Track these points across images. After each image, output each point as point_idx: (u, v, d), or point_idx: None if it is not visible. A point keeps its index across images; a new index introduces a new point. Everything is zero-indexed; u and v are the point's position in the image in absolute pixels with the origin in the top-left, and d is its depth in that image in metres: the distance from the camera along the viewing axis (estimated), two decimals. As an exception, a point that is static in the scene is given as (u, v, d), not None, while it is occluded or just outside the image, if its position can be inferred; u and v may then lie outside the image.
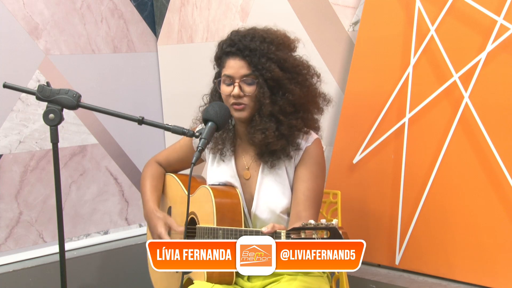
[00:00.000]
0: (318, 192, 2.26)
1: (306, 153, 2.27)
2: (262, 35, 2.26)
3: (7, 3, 3.22)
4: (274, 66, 2.21)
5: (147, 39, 3.78)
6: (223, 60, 2.28)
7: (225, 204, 2.24)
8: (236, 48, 2.23)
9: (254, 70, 2.21)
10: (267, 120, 2.22)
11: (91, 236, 3.54)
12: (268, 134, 2.20)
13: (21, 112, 3.28)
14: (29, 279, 3.14)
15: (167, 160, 2.55)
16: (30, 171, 3.32)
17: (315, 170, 2.27)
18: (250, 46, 2.22)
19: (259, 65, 2.21)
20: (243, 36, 2.25)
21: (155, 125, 2.14)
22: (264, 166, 2.28)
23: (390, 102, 2.75)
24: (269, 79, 2.21)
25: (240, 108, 2.23)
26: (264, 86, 2.21)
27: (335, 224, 1.77)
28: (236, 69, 2.23)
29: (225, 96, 2.26)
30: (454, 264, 2.57)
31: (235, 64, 2.23)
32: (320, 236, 1.76)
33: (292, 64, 2.26)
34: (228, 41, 2.27)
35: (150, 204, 2.44)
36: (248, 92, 2.22)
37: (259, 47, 2.22)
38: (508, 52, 2.43)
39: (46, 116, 2.04)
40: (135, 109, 3.60)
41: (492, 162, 2.46)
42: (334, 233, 1.76)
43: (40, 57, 3.35)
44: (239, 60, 2.23)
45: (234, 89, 2.22)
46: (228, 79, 2.24)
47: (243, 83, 2.22)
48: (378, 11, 2.81)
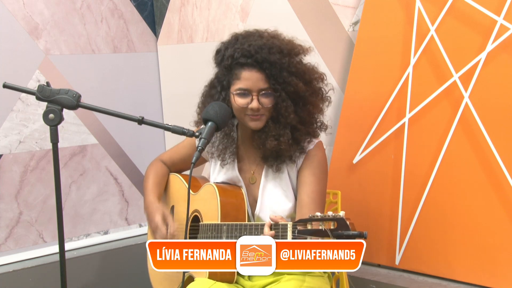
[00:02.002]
0: (321, 194, 2.27)
1: (309, 156, 2.27)
2: (278, 45, 2.21)
3: (7, 3, 3.22)
4: (296, 80, 2.19)
5: (147, 39, 3.78)
6: (236, 70, 2.21)
7: (229, 202, 2.24)
8: (253, 60, 2.17)
9: (274, 84, 2.18)
10: (282, 127, 2.21)
11: (91, 236, 3.54)
12: (282, 140, 2.20)
13: (21, 112, 3.28)
14: (29, 279, 3.14)
15: (171, 159, 2.55)
16: (30, 171, 3.32)
17: (318, 173, 2.27)
18: (269, 59, 2.16)
19: (280, 78, 2.17)
20: (260, 47, 2.18)
21: (155, 125, 2.14)
22: (268, 170, 2.28)
23: (390, 102, 2.75)
24: (292, 93, 2.19)
25: (257, 118, 2.21)
26: (287, 99, 2.19)
27: (342, 215, 1.77)
28: (253, 82, 2.18)
29: (240, 108, 2.21)
30: (454, 264, 2.57)
31: (251, 76, 2.18)
32: (327, 227, 1.76)
33: (310, 76, 2.25)
34: (241, 51, 2.19)
35: (150, 197, 2.43)
36: (266, 104, 2.19)
37: (279, 61, 2.17)
38: (508, 52, 2.43)
39: (46, 116, 2.04)
40: (135, 109, 3.60)
41: (492, 162, 2.46)
42: (341, 223, 1.75)
43: (40, 57, 3.35)
44: (256, 72, 2.18)
45: (252, 103, 2.18)
46: (244, 91, 2.20)
47: (261, 96, 2.19)
48: (378, 11, 2.81)
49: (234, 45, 2.23)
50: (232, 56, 2.21)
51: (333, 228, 1.76)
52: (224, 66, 2.26)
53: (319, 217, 1.79)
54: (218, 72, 2.31)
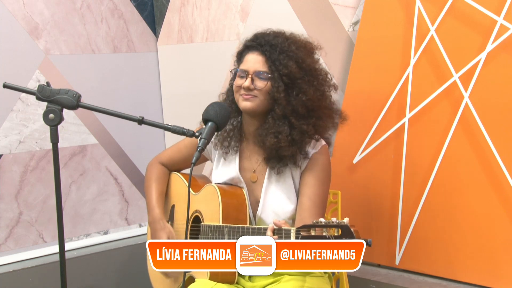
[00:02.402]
0: (323, 198, 2.27)
1: (313, 159, 2.26)
2: (286, 35, 2.29)
3: (7, 3, 3.22)
4: (292, 63, 2.22)
5: (147, 39, 3.78)
6: (243, 55, 2.30)
7: (231, 203, 2.24)
8: (257, 42, 2.26)
9: (270, 65, 2.23)
10: (280, 123, 2.21)
11: (91, 236, 3.54)
12: (281, 138, 2.20)
13: (21, 112, 3.28)
14: (29, 279, 3.13)
15: (171, 160, 2.55)
16: (30, 171, 3.32)
17: (321, 176, 2.27)
18: (271, 42, 2.25)
19: (277, 61, 2.22)
20: (267, 33, 2.29)
21: (155, 125, 2.14)
22: (271, 171, 2.28)
23: (390, 102, 2.75)
24: (285, 75, 2.21)
25: (247, 97, 2.23)
26: (279, 81, 2.21)
27: (346, 222, 1.76)
28: (252, 63, 2.25)
29: (236, 88, 2.27)
30: (454, 264, 2.57)
31: (252, 58, 2.25)
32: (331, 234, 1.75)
33: (310, 66, 2.27)
34: (251, 37, 2.31)
35: (156, 212, 2.44)
36: (259, 87, 2.22)
37: (280, 44, 2.24)
38: (508, 52, 2.43)
39: (46, 116, 2.04)
40: (135, 109, 3.60)
41: (492, 162, 2.46)
42: (346, 231, 1.74)
43: (40, 57, 3.35)
44: (257, 55, 2.25)
45: (245, 81, 2.23)
46: (243, 72, 2.25)
47: (256, 77, 2.23)
48: (378, 11, 2.81)
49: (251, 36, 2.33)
50: (244, 43, 2.32)
51: (337, 235, 1.74)
52: (237, 57, 2.34)
53: (323, 223, 1.77)
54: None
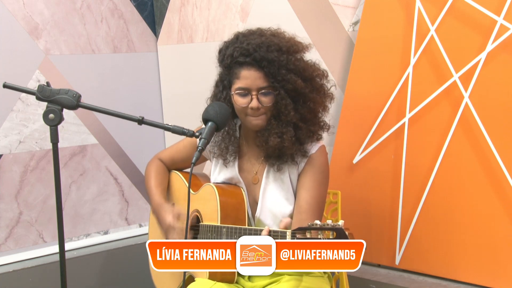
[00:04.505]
0: (320, 200, 2.26)
1: (311, 160, 2.25)
2: (277, 43, 2.19)
3: (7, 3, 3.22)
4: (295, 77, 2.17)
5: (147, 39, 3.78)
6: (235, 69, 2.20)
7: (229, 203, 2.23)
8: (251, 58, 2.16)
9: (273, 82, 2.17)
10: (284, 125, 2.19)
11: (91, 236, 3.54)
12: (285, 138, 2.18)
13: (21, 112, 3.28)
14: (29, 279, 3.14)
15: (171, 159, 2.55)
16: (30, 171, 3.32)
17: (319, 178, 2.26)
18: (267, 57, 2.15)
19: (279, 76, 2.16)
20: (258, 45, 2.17)
21: (155, 125, 2.14)
22: (269, 170, 2.28)
23: (390, 102, 2.75)
24: (291, 90, 2.18)
25: (258, 118, 2.20)
26: (286, 97, 2.17)
27: (341, 224, 1.76)
28: (252, 81, 2.17)
29: (240, 107, 2.21)
30: (454, 264, 2.57)
31: (250, 75, 2.17)
32: (326, 236, 1.75)
33: (310, 73, 2.23)
34: (240, 50, 2.19)
35: (156, 198, 2.45)
36: (265, 103, 2.18)
37: (277, 58, 2.16)
38: (508, 52, 2.43)
39: (46, 116, 2.04)
40: (135, 109, 3.60)
41: (492, 162, 2.46)
42: (340, 233, 1.74)
43: (40, 57, 3.35)
44: (255, 71, 2.17)
45: (252, 102, 2.17)
46: (243, 90, 2.19)
47: (260, 95, 2.18)
48: (378, 11, 2.81)
49: (234, 44, 2.22)
50: (232, 55, 2.20)
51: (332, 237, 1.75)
52: (224, 66, 2.25)
53: (318, 226, 1.77)
54: (220, 71, 2.31)
